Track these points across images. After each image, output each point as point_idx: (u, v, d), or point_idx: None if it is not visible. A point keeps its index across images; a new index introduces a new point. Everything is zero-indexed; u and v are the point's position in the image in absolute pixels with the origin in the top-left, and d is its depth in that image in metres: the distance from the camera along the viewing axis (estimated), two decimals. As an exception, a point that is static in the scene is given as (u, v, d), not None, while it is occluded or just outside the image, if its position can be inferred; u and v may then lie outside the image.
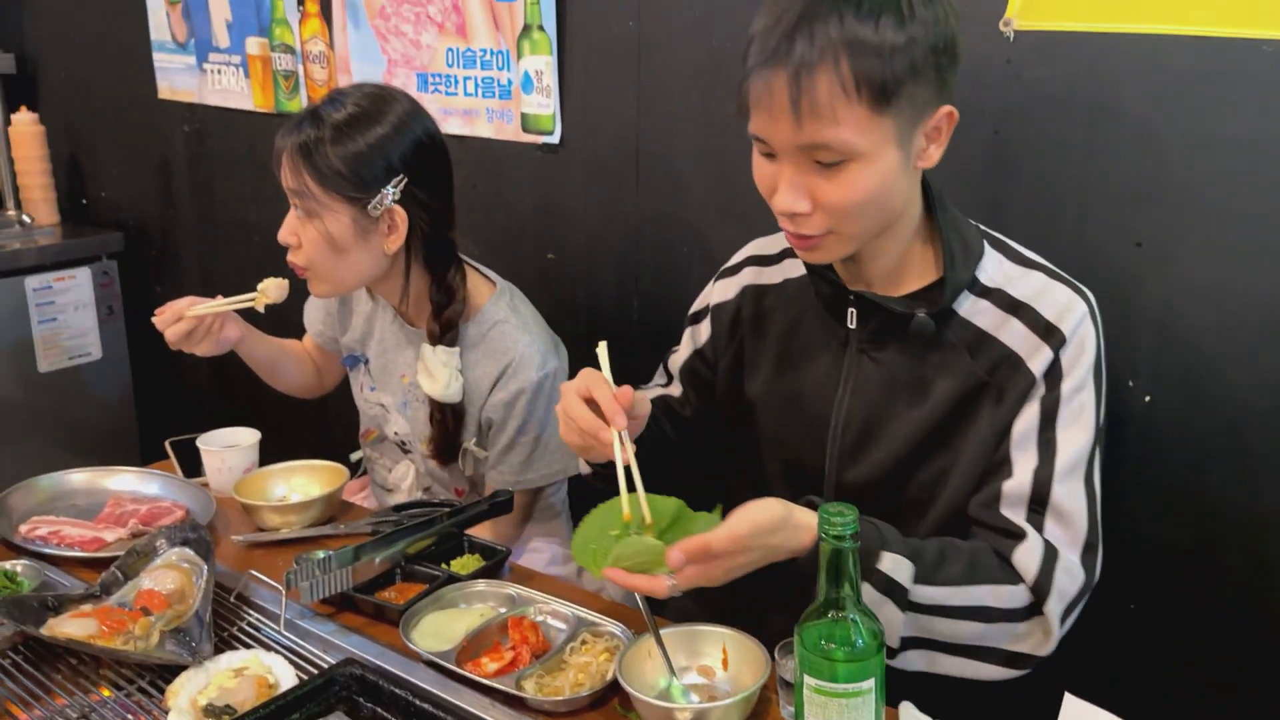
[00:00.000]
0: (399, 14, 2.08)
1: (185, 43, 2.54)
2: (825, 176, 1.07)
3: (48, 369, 2.73)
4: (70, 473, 1.60)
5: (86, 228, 2.90)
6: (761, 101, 1.06)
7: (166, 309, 1.57)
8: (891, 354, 1.21)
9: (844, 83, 1.02)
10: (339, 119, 1.46)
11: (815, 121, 1.03)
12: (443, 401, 1.56)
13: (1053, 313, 1.16)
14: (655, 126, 1.82)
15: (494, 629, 1.21)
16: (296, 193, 1.48)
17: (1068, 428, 1.15)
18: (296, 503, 1.51)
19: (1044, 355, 1.15)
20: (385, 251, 1.51)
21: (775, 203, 1.11)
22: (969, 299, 1.19)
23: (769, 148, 1.09)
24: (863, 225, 1.11)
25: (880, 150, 1.06)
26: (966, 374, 1.17)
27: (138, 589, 1.28)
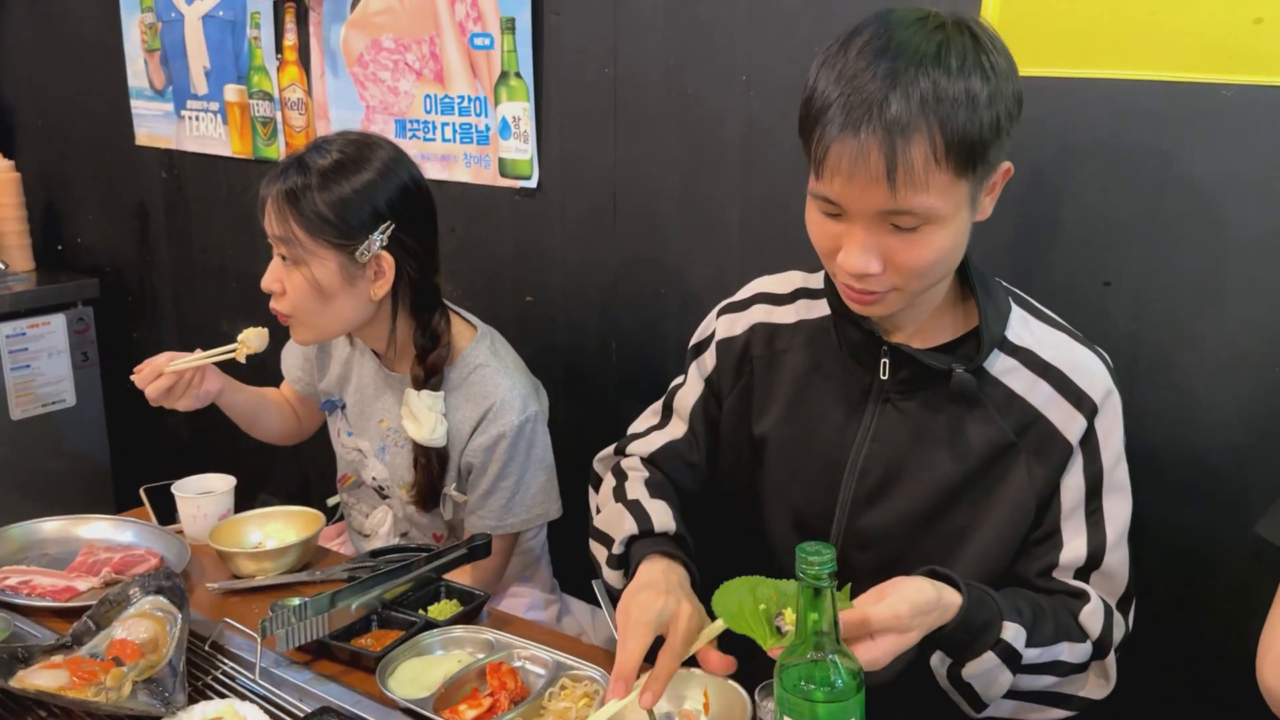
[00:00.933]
0: (377, 61, 2.10)
1: (163, 90, 2.56)
2: (900, 239, 1.06)
3: (20, 416, 2.69)
4: (42, 521, 1.58)
5: (62, 274, 2.89)
6: (847, 167, 1.03)
7: (145, 366, 1.56)
8: (918, 404, 1.19)
9: (935, 150, 1.01)
10: (325, 166, 1.47)
11: (909, 189, 1.01)
12: (428, 446, 1.56)
13: (1083, 380, 1.16)
14: (632, 171, 1.84)
15: (472, 675, 1.20)
16: (283, 240, 1.47)
17: (1111, 497, 1.17)
18: (272, 549, 1.50)
19: (1078, 424, 1.15)
20: (372, 297, 1.51)
21: (844, 263, 1.08)
22: (1000, 357, 1.18)
23: (837, 209, 1.07)
24: (928, 283, 1.12)
25: (957, 212, 1.06)
26: (996, 432, 1.17)
27: (110, 638, 1.26)
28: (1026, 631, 1.10)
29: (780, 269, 1.35)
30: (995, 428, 1.17)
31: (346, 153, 1.48)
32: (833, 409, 1.25)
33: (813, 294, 1.31)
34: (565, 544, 1.80)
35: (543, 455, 1.59)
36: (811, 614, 0.92)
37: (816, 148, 1.05)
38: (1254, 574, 1.34)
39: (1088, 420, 1.16)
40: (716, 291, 1.44)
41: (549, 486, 1.60)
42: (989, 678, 1.10)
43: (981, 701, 1.13)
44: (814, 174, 1.08)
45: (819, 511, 1.26)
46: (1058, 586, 1.18)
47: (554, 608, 1.72)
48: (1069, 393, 1.16)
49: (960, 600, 1.06)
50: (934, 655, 1.13)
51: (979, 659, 1.08)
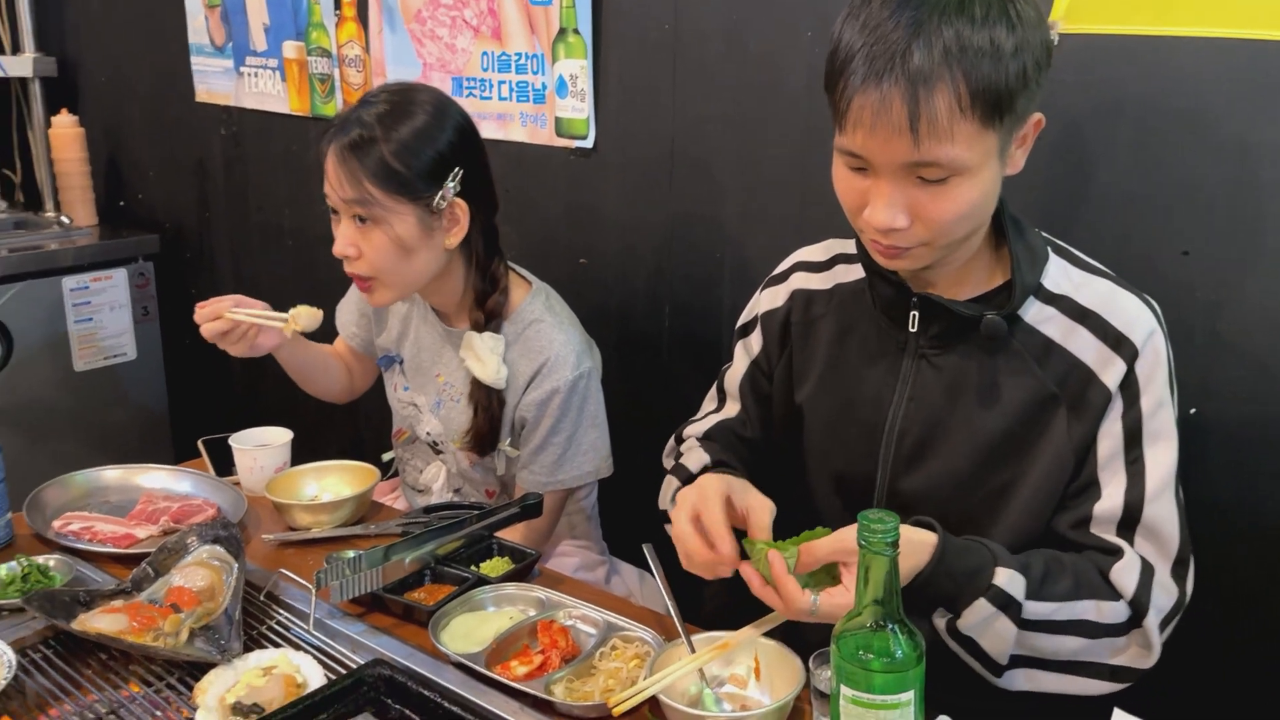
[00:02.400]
0: (435, 18, 2.08)
1: (223, 46, 2.57)
2: (926, 191, 1.04)
3: (83, 368, 2.75)
4: (104, 469, 1.61)
5: (124, 229, 2.93)
6: (869, 119, 1.01)
7: (209, 304, 1.57)
8: (954, 359, 1.18)
9: (960, 98, 0.99)
10: (390, 122, 1.45)
11: (933, 140, 1.00)
12: (492, 386, 1.55)
13: (1122, 322, 1.13)
14: (690, 131, 1.81)
15: (523, 632, 1.20)
16: (358, 201, 1.45)
17: (1154, 445, 1.12)
18: (327, 502, 1.51)
19: (1117, 368, 1.12)
20: (446, 247, 1.51)
21: (870, 218, 1.07)
22: (1035, 305, 1.16)
23: (863, 163, 1.06)
24: (956, 236, 1.09)
25: (985, 163, 1.04)
26: (1034, 383, 1.14)
27: (168, 585, 1.28)
28: (1027, 581, 1.07)
29: (842, 231, 1.33)
30: (1034, 379, 1.14)
31: (397, 103, 1.47)
32: (869, 370, 1.23)
33: (849, 258, 1.30)
34: (615, 506, 1.80)
35: (595, 412, 1.59)
36: (871, 582, 0.90)
37: (840, 100, 1.04)
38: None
39: (1127, 364, 1.12)
40: (774, 254, 1.41)
41: (600, 444, 1.60)
42: (987, 628, 1.06)
43: (994, 661, 1.09)
44: (838, 128, 1.07)
45: (861, 476, 1.24)
46: (1089, 541, 1.13)
47: (602, 569, 1.72)
48: (1108, 336, 1.13)
49: (934, 539, 1.04)
50: (934, 615, 1.10)
51: (972, 607, 1.06)
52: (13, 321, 2.61)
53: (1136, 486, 1.12)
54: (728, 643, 1.11)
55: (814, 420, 1.29)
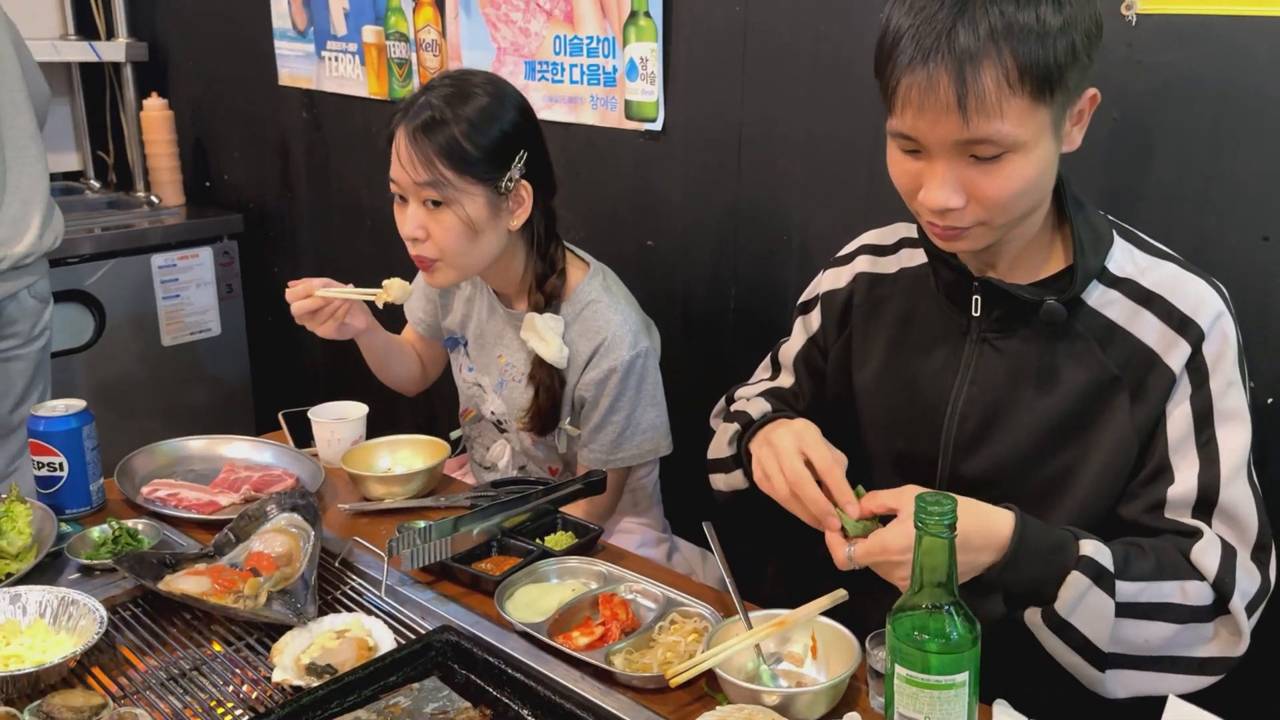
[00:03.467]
0: (509, 2, 2.11)
1: (305, 31, 2.63)
2: (981, 170, 1.04)
3: (170, 343, 2.86)
4: (189, 439, 1.68)
5: (209, 209, 3.04)
6: (917, 99, 1.02)
7: (299, 284, 1.61)
8: (1016, 343, 1.17)
9: (1008, 74, 1.00)
10: (457, 104, 1.49)
11: (982, 117, 1.00)
12: (555, 365, 1.59)
13: (1187, 305, 1.12)
14: (759, 115, 1.81)
15: (585, 604, 1.23)
16: (431, 184, 1.48)
17: (1225, 426, 1.11)
18: (400, 475, 1.56)
19: (1181, 350, 1.11)
20: (510, 229, 1.55)
21: (925, 200, 1.07)
22: (1098, 289, 1.15)
23: (916, 145, 1.06)
24: (1013, 215, 1.09)
25: (1038, 140, 1.04)
26: (1097, 367, 1.14)
27: (248, 551, 1.33)
28: (1113, 555, 1.05)
29: (909, 216, 1.32)
30: (1096, 362, 1.13)
31: (462, 87, 1.51)
32: (931, 353, 1.23)
33: (913, 243, 1.29)
34: (677, 485, 1.82)
35: (653, 391, 1.61)
36: (928, 564, 0.91)
37: (889, 82, 1.05)
38: None
39: (1193, 345, 1.10)
40: (840, 238, 1.41)
41: (659, 423, 1.62)
42: (1084, 606, 1.03)
43: (1096, 649, 1.05)
44: (889, 111, 1.07)
45: (922, 458, 1.24)
46: (1166, 525, 1.11)
47: (664, 546, 1.74)
48: (1172, 319, 1.12)
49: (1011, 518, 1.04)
50: (1026, 612, 1.08)
51: (1066, 584, 1.03)
52: (105, 297, 2.73)
53: (1210, 469, 1.10)
54: (784, 620, 1.13)
55: (875, 402, 1.29)
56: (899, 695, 0.93)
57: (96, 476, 1.50)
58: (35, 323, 2.18)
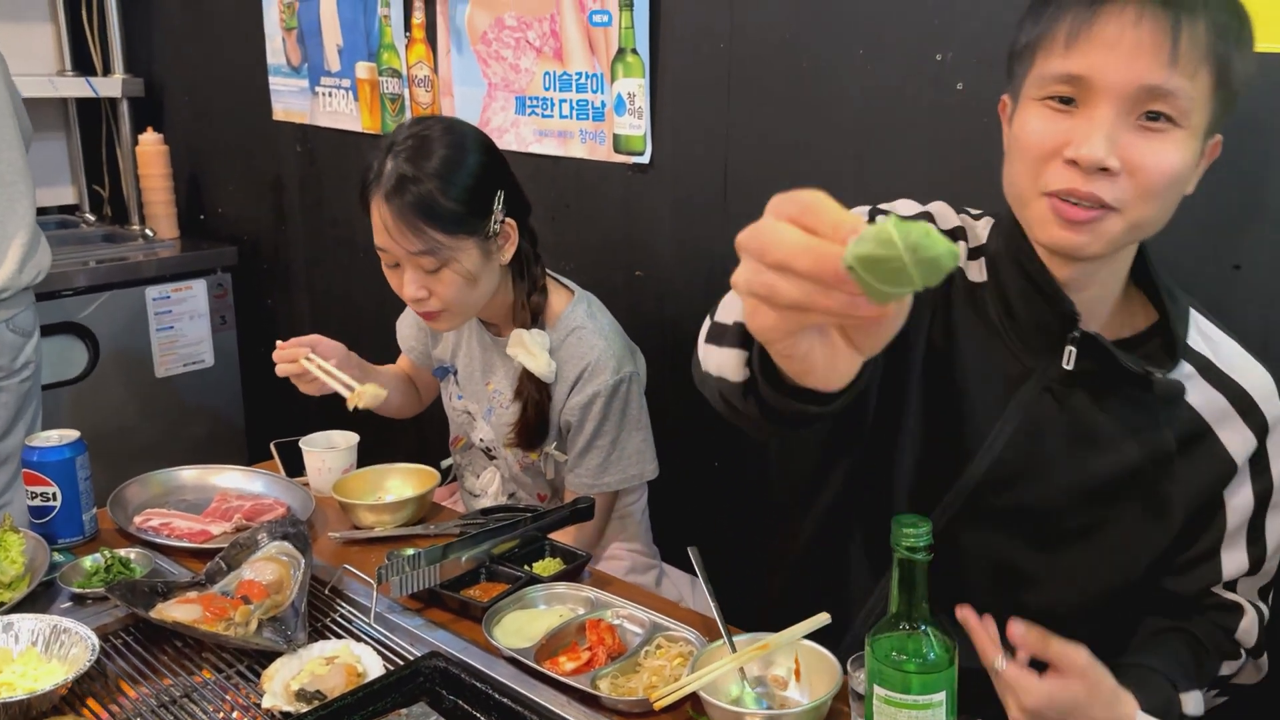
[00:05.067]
0: (500, 39, 2.15)
1: (299, 67, 2.68)
2: (1144, 139, 0.96)
3: (164, 374, 2.88)
4: (181, 469, 1.69)
5: (204, 242, 3.06)
6: (1113, 32, 0.94)
7: (287, 346, 1.63)
8: (1084, 401, 1.10)
9: (1211, 42, 0.95)
10: (431, 165, 1.49)
11: (1187, 66, 0.94)
12: (543, 379, 1.61)
13: (1255, 389, 1.10)
14: (744, 149, 1.85)
15: (572, 629, 1.24)
16: (426, 252, 1.50)
17: (1275, 515, 1.14)
18: (390, 503, 1.57)
19: (1243, 437, 1.10)
20: (502, 264, 1.59)
21: (1083, 153, 0.96)
22: (1180, 363, 1.10)
23: (1078, 90, 0.97)
24: (1147, 216, 1.00)
25: (1197, 134, 0.98)
26: (1156, 440, 1.09)
27: (239, 579, 1.34)
28: (1198, 687, 1.11)
29: None
30: (1159, 436, 1.09)
31: (424, 142, 1.51)
32: (983, 384, 1.12)
33: (972, 251, 1.16)
34: (666, 512, 1.84)
35: (638, 416, 1.63)
36: (904, 586, 0.92)
37: (1070, 18, 0.97)
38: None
39: (1258, 439, 1.10)
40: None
41: (645, 447, 1.64)
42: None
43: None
44: (1048, 53, 0.99)
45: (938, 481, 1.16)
46: (1210, 602, 1.16)
47: (653, 572, 1.75)
48: (1242, 408, 1.10)
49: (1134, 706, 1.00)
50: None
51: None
52: (99, 329, 2.75)
53: (1257, 551, 1.14)
54: (767, 644, 1.14)
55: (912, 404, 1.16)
56: (878, 715, 0.94)
57: (90, 506, 1.52)
58: (15, 356, 2.17)
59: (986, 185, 1.53)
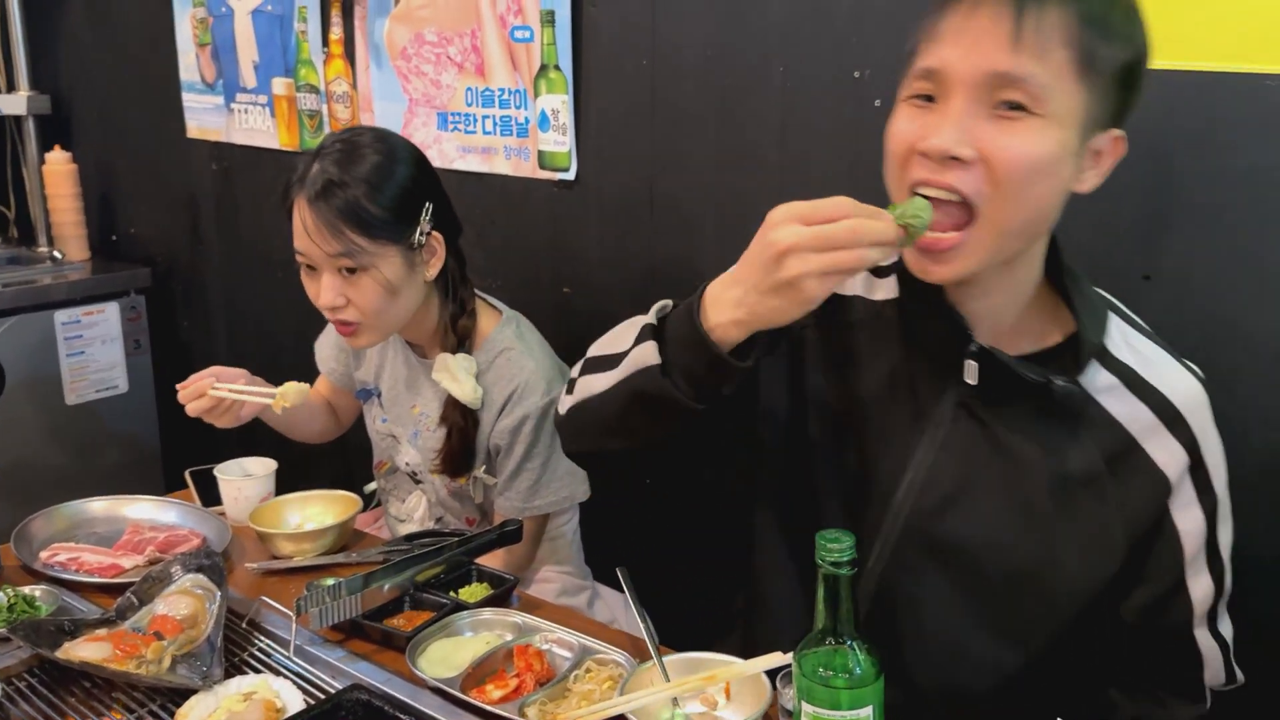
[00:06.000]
0: (420, 55, 2.13)
1: (214, 83, 2.61)
2: (999, 126, 0.95)
3: (75, 401, 2.78)
4: (90, 501, 1.63)
5: (116, 263, 2.97)
6: (961, 21, 0.96)
7: (190, 383, 1.59)
8: (994, 416, 1.08)
9: (1068, 28, 0.94)
10: (355, 168, 1.48)
11: (1032, 48, 0.93)
12: (469, 405, 1.58)
13: (1183, 404, 1.07)
14: (669, 163, 1.85)
15: (499, 656, 1.22)
16: (345, 254, 1.47)
17: (1224, 527, 1.12)
18: (310, 531, 1.53)
19: (1179, 458, 1.06)
20: (426, 279, 1.56)
21: (930, 144, 0.96)
22: (1098, 372, 1.07)
23: (934, 86, 0.97)
24: (1009, 216, 0.98)
25: (1065, 121, 0.96)
26: (1083, 455, 1.06)
27: (151, 614, 1.29)
28: None
29: None
30: (1082, 451, 1.06)
31: (353, 148, 1.50)
32: (895, 406, 1.11)
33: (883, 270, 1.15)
34: (598, 532, 1.82)
35: None
36: (829, 601, 0.92)
37: (929, 22, 0.99)
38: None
39: (1188, 452, 1.06)
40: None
41: (575, 469, 1.62)
42: None
43: None
44: (917, 56, 1.00)
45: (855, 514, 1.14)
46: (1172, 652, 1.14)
47: (585, 594, 1.73)
48: (1167, 418, 1.06)
49: None
50: None
51: None
52: (5, 355, 2.64)
53: (1217, 567, 1.12)
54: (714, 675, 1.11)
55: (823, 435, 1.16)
56: (808, 734, 0.94)
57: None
58: None
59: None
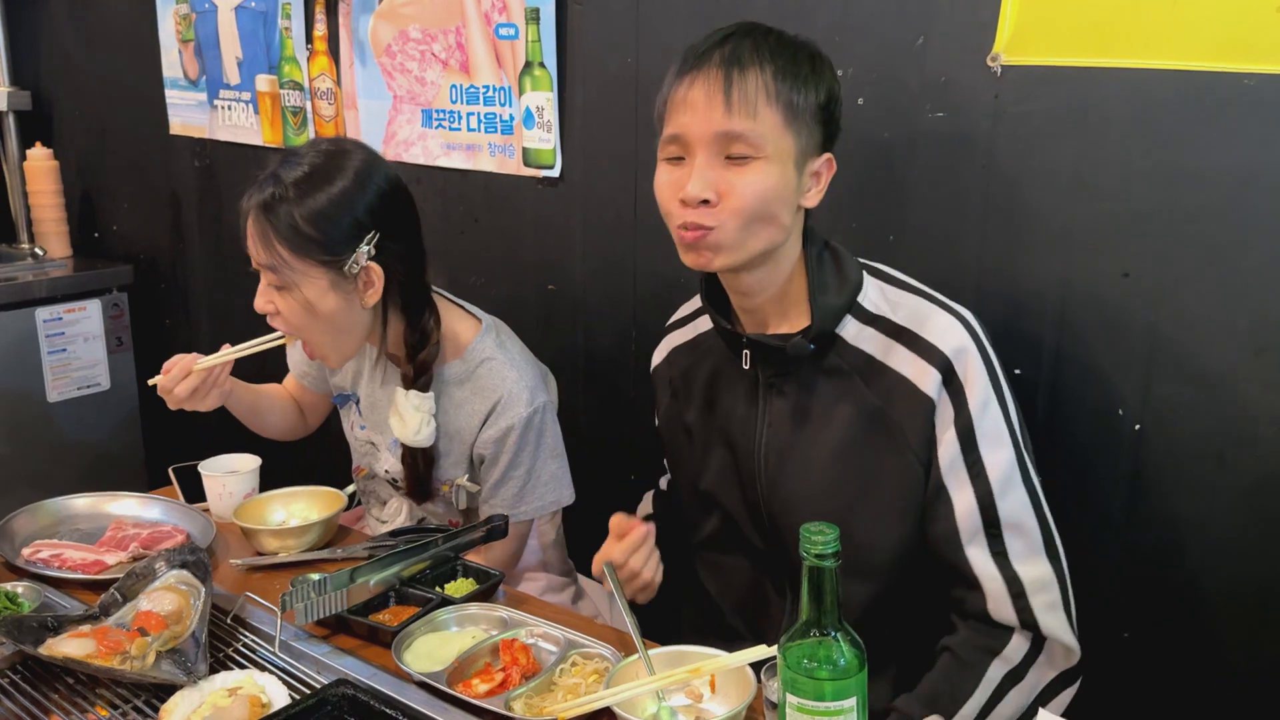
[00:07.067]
0: (404, 51, 2.12)
1: (197, 80, 2.60)
2: (734, 172, 1.17)
3: (57, 398, 2.76)
4: (74, 497, 1.63)
5: (98, 260, 2.95)
6: (688, 98, 1.18)
7: (173, 365, 1.57)
8: (794, 386, 1.28)
9: (768, 87, 1.16)
10: (300, 181, 1.44)
11: (742, 111, 1.16)
12: (411, 446, 1.57)
13: (934, 335, 1.22)
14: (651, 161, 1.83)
15: (485, 651, 1.22)
16: (269, 267, 1.46)
17: (989, 445, 1.21)
18: (295, 527, 1.53)
19: (933, 378, 1.21)
20: (364, 306, 1.51)
21: (685, 194, 1.18)
22: (854, 325, 1.26)
23: (681, 148, 1.20)
24: (752, 230, 1.19)
25: (782, 159, 1.18)
26: (861, 400, 1.24)
27: (136, 610, 1.29)
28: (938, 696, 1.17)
29: None
30: (860, 396, 1.24)
31: (318, 165, 1.46)
32: (737, 404, 1.34)
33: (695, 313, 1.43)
34: (582, 528, 1.82)
35: (553, 444, 1.61)
36: (814, 593, 0.93)
37: (667, 98, 1.21)
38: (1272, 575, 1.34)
39: (941, 373, 1.20)
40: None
41: (560, 474, 1.62)
42: None
43: None
44: (663, 130, 1.22)
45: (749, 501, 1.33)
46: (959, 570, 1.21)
47: (569, 591, 1.74)
48: (920, 349, 1.22)
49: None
50: None
51: None
52: (-15, 352, 2.62)
53: (981, 487, 1.21)
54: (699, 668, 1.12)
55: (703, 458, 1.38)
56: (792, 724, 0.95)
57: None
58: None
59: (891, 197, 1.57)
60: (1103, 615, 1.44)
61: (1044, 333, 1.45)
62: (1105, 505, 1.44)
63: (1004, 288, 1.48)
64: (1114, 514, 1.44)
